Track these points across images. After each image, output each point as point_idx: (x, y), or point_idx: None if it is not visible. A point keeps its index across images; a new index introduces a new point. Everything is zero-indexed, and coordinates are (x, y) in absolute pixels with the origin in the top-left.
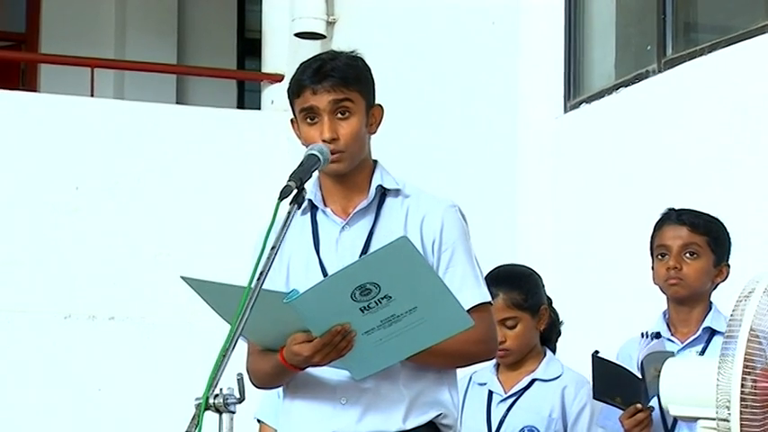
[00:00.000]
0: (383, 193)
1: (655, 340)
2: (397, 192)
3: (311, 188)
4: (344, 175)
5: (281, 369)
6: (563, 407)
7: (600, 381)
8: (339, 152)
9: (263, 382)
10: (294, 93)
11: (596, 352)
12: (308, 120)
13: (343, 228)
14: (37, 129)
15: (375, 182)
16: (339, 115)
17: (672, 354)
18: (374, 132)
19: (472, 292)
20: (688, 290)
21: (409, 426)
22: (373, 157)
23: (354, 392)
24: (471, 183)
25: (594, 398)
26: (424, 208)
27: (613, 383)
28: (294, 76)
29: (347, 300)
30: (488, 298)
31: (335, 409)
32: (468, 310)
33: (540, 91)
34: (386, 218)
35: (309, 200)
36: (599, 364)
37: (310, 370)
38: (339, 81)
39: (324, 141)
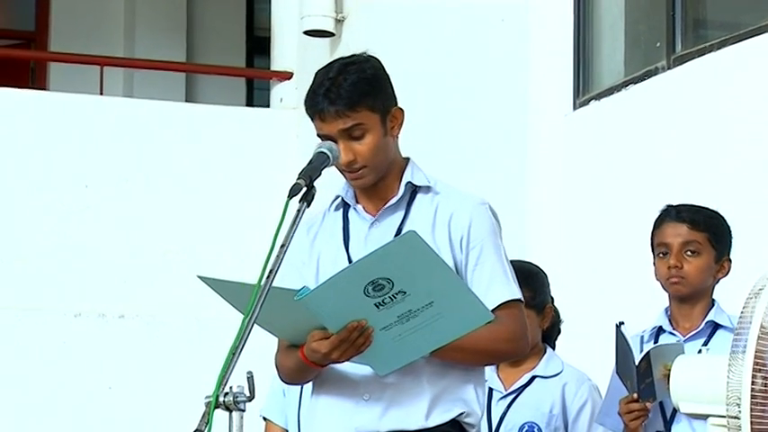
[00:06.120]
0: (414, 190)
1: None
2: (427, 189)
3: (343, 186)
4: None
5: (302, 366)
6: (563, 403)
7: (618, 354)
8: (360, 169)
9: (289, 378)
10: (308, 114)
11: (621, 323)
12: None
13: (372, 224)
14: (46, 127)
15: (405, 179)
16: (353, 137)
17: (681, 346)
18: (397, 134)
19: (501, 289)
20: (690, 288)
21: (432, 423)
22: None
23: (377, 388)
24: (481, 180)
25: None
26: (453, 205)
27: (621, 360)
28: (307, 94)
29: (360, 296)
30: (518, 295)
31: (358, 405)
32: (496, 307)
33: (549, 88)
34: (415, 214)
35: (341, 197)
36: (617, 335)
37: (334, 366)
38: (345, 107)
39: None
